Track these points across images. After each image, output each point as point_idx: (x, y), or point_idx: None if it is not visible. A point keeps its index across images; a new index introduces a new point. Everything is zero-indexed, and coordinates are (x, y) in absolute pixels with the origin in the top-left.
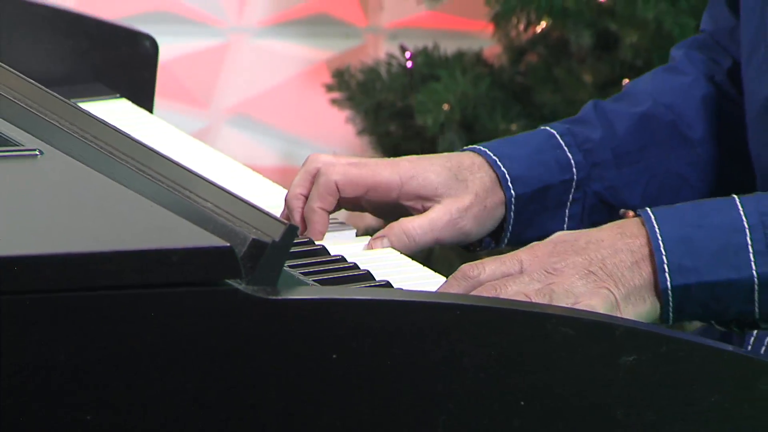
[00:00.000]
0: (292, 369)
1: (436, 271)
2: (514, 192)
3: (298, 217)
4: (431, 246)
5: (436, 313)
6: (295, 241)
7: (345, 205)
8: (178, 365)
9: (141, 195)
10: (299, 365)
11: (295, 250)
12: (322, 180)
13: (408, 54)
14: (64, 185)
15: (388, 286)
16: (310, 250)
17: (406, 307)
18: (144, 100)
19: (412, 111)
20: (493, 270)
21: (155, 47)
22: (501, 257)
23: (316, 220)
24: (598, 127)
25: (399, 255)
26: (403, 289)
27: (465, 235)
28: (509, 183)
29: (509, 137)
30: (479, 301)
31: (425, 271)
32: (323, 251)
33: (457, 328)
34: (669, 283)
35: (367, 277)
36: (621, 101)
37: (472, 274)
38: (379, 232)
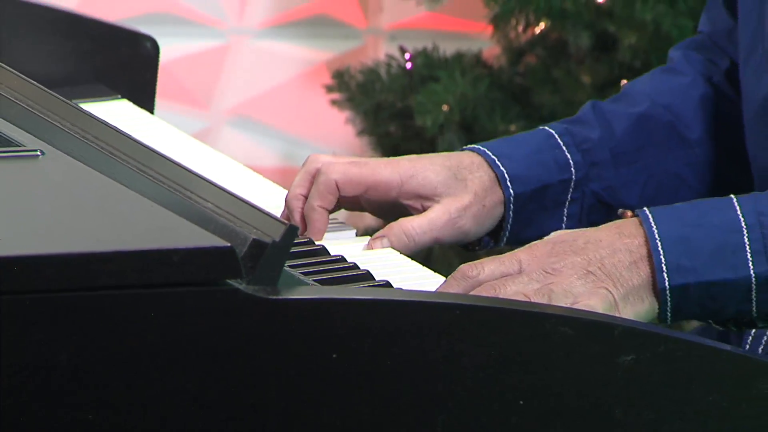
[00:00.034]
0: (292, 368)
1: (435, 271)
2: (512, 191)
3: (298, 217)
4: (431, 246)
5: (435, 313)
6: (296, 242)
7: (345, 205)
8: (178, 365)
9: (142, 195)
10: (299, 365)
11: (296, 250)
12: (322, 179)
13: (407, 55)
14: (65, 185)
15: (387, 286)
16: (310, 250)
17: (405, 307)
18: (145, 100)
19: (411, 112)
20: (492, 270)
21: (156, 48)
22: (500, 257)
23: (316, 218)
24: (596, 127)
25: (398, 255)
26: (403, 289)
27: (464, 235)
28: (508, 182)
29: (508, 137)
30: (479, 301)
31: (425, 271)
32: (323, 251)
33: (457, 327)
34: (667, 283)
35: (367, 277)
36: (619, 102)
37: (471, 273)
38: (379, 232)
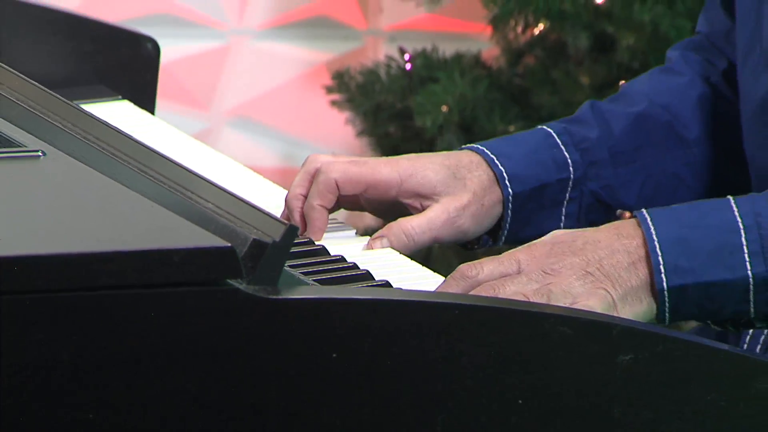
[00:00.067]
0: (292, 368)
1: (434, 271)
2: (511, 190)
3: (298, 217)
4: (430, 245)
5: (435, 313)
6: (296, 242)
7: (344, 204)
8: (179, 365)
9: (142, 195)
10: (299, 364)
11: (296, 250)
12: (321, 178)
13: (407, 56)
14: (66, 186)
15: (387, 285)
16: (310, 250)
17: (405, 307)
18: (145, 101)
19: (411, 112)
20: (491, 270)
21: (157, 49)
22: (499, 257)
23: (315, 217)
24: (594, 127)
25: (398, 255)
26: (403, 289)
27: (463, 234)
28: (507, 181)
29: (507, 136)
30: (478, 301)
31: (424, 271)
32: (323, 251)
33: (456, 327)
34: (665, 284)
35: (367, 277)
36: (617, 101)
37: (470, 273)
38: (378, 232)
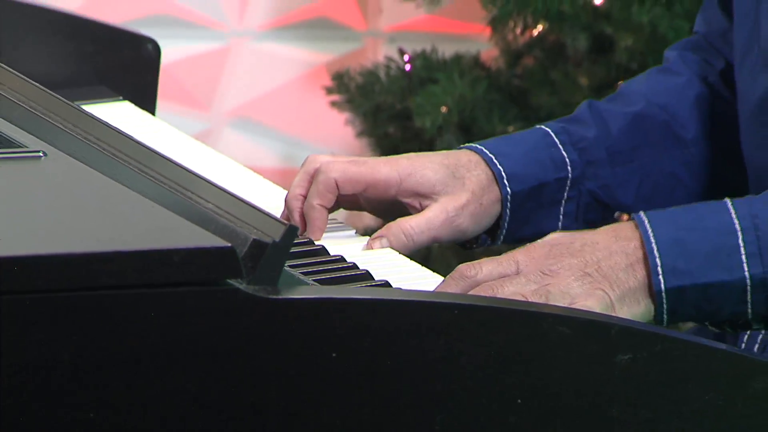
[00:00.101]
0: (292, 367)
1: (434, 271)
2: (510, 189)
3: (297, 217)
4: (429, 245)
5: (434, 313)
6: (296, 242)
7: (344, 204)
8: (179, 364)
9: (143, 196)
10: (299, 364)
11: (296, 250)
12: (321, 178)
13: (406, 57)
14: (67, 186)
15: (386, 285)
16: (310, 250)
17: (404, 307)
18: (146, 102)
19: (410, 113)
20: (490, 270)
21: (157, 50)
22: (497, 258)
23: (315, 216)
24: (592, 126)
25: (397, 255)
26: (402, 289)
27: (462, 233)
28: (505, 180)
29: (506, 136)
30: (477, 301)
31: (423, 271)
32: (323, 251)
33: (455, 327)
34: (663, 285)
35: (366, 277)
36: (615, 101)
37: (469, 273)
38: (378, 232)
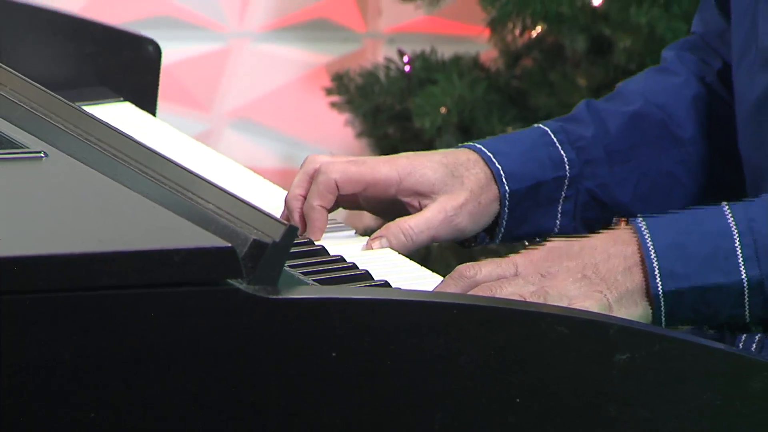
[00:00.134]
0: (292, 367)
1: (433, 271)
2: (508, 188)
3: (297, 217)
4: (428, 244)
5: (433, 312)
6: (295, 242)
7: (343, 204)
8: (179, 365)
9: (144, 196)
10: (299, 363)
11: (295, 250)
12: (321, 178)
13: (406, 58)
14: (67, 187)
15: (386, 285)
16: (309, 250)
17: (404, 307)
18: (147, 103)
19: (410, 114)
20: (489, 271)
21: (158, 51)
22: (497, 260)
23: (315, 217)
24: (590, 125)
25: (397, 255)
26: (401, 289)
27: (460, 232)
28: (503, 179)
29: (504, 135)
30: (476, 300)
31: (423, 271)
32: (323, 251)
33: (454, 326)
34: (660, 289)
35: (366, 277)
36: (613, 100)
37: (468, 274)
38: (377, 232)
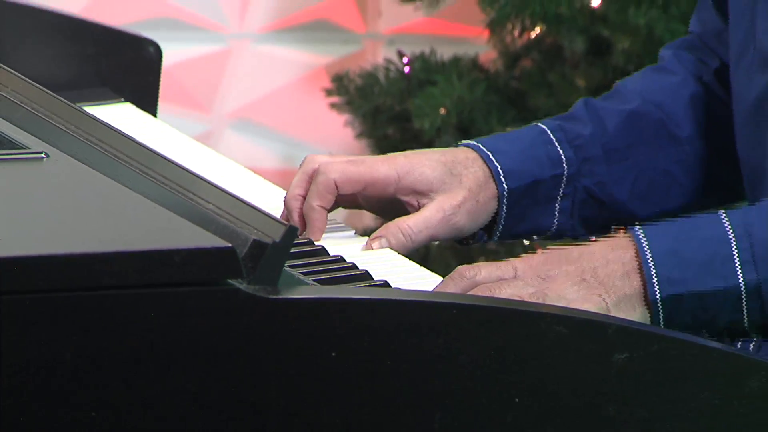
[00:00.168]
0: (292, 367)
1: (432, 271)
2: (506, 186)
3: (296, 217)
4: (427, 243)
5: (433, 312)
6: (295, 242)
7: (342, 203)
8: (179, 364)
9: (144, 197)
10: (299, 363)
11: (295, 250)
12: (321, 179)
13: (405, 59)
14: (69, 187)
15: (385, 285)
16: (309, 250)
17: (403, 306)
18: (148, 104)
19: (409, 115)
20: (489, 273)
21: (159, 52)
22: (496, 263)
23: (315, 218)
24: (588, 124)
25: (396, 255)
26: (401, 289)
27: (459, 231)
28: (502, 177)
29: (502, 133)
30: (475, 300)
31: (422, 271)
32: (323, 252)
33: (454, 326)
34: (658, 295)
35: (366, 277)
36: (611, 99)
37: (468, 274)
38: (376, 232)
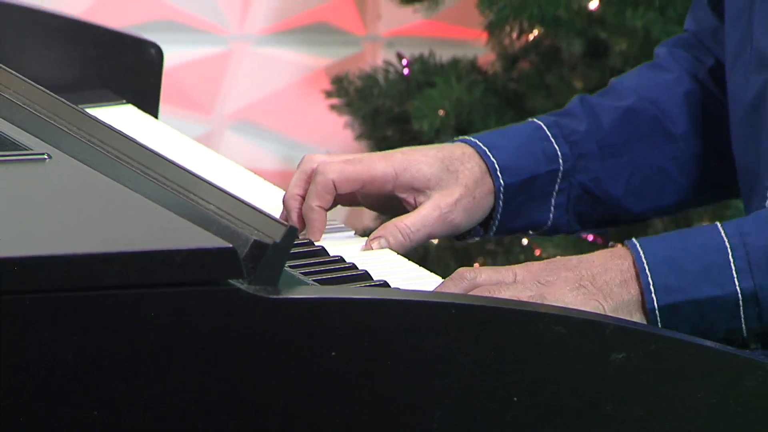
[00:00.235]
0: (292, 367)
1: (431, 271)
2: (503, 181)
3: (295, 217)
4: (424, 241)
5: (432, 312)
6: (296, 242)
7: (341, 202)
8: (180, 364)
9: (146, 197)
10: (299, 363)
11: (296, 250)
12: (319, 179)
13: (405, 61)
14: (71, 188)
15: (385, 285)
16: (309, 250)
17: (403, 306)
18: (149, 105)
19: (408, 116)
20: (489, 275)
21: (160, 55)
22: (497, 267)
23: (314, 218)
24: (584, 120)
25: (396, 255)
26: (400, 289)
27: (455, 227)
28: (498, 173)
29: (499, 129)
30: (474, 300)
31: (421, 271)
32: (323, 252)
33: (453, 326)
34: (656, 303)
35: (365, 277)
36: (607, 95)
37: (468, 276)
38: (374, 232)
